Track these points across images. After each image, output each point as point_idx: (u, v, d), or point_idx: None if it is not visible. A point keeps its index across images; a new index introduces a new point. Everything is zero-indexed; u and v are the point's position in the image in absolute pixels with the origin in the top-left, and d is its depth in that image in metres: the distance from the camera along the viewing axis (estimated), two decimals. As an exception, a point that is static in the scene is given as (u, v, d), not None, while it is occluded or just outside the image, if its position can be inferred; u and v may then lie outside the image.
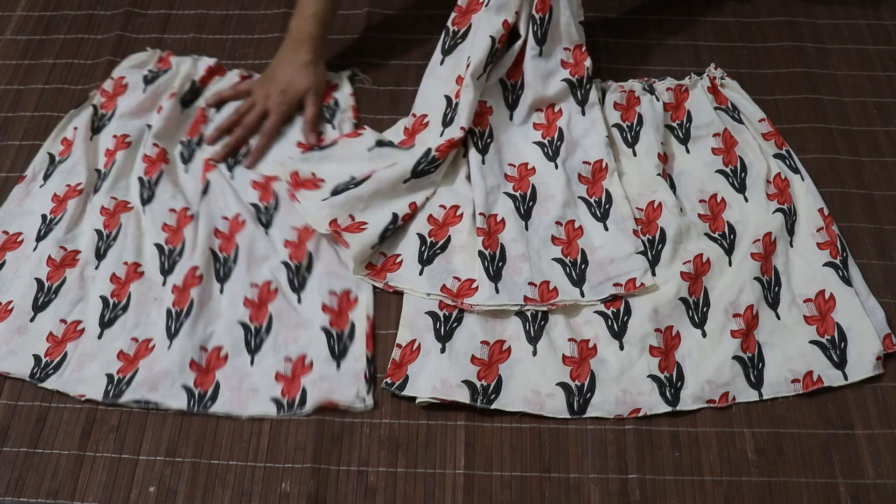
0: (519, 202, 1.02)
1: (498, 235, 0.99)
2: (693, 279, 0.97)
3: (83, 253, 0.99)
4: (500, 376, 0.91)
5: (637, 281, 0.95)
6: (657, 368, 0.91)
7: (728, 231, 1.01)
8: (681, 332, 0.94)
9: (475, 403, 0.89)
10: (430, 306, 0.95)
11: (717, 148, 1.08)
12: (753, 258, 0.98)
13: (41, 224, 1.01)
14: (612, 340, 0.93)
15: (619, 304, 0.95)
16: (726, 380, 0.91)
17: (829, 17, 1.26)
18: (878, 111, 1.15)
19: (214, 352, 0.92)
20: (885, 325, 0.94)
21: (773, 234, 1.00)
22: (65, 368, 0.92)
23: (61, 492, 0.86)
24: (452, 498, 0.86)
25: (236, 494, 0.86)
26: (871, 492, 0.86)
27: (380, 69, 1.20)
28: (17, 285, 0.97)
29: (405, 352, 0.93)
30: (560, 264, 0.98)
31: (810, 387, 0.91)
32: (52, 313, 0.95)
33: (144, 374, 0.91)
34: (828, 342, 0.93)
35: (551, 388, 0.90)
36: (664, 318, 0.94)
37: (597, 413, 0.90)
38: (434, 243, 0.99)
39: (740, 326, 0.94)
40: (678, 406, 0.90)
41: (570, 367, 0.92)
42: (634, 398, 0.90)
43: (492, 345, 0.93)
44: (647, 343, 0.92)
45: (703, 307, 0.95)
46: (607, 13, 1.26)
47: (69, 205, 1.02)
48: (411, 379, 0.91)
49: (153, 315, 0.95)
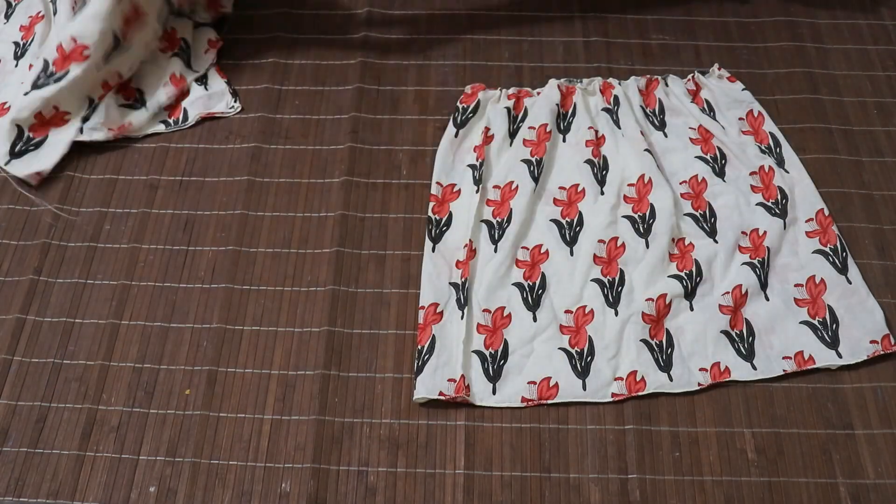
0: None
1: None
2: (680, 258, 1.00)
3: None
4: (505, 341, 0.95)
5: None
6: (649, 335, 0.95)
7: (709, 213, 1.03)
8: (672, 302, 0.97)
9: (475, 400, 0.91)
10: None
11: (695, 138, 1.10)
12: (741, 251, 1.00)
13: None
14: (607, 308, 0.96)
15: (615, 274, 0.98)
16: (715, 350, 0.94)
17: (829, 17, 1.26)
18: (878, 111, 1.15)
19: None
20: (883, 325, 0.95)
21: (761, 228, 1.02)
22: None
23: (61, 492, 0.86)
24: (452, 498, 0.86)
25: (236, 494, 0.86)
26: (871, 492, 0.86)
27: (380, 69, 1.20)
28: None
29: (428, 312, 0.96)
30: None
31: (803, 365, 0.92)
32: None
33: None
34: (819, 323, 0.95)
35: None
36: (657, 288, 0.97)
37: (596, 378, 0.92)
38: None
39: (729, 303, 0.96)
40: (671, 370, 0.92)
41: (568, 336, 0.95)
42: (633, 360, 0.93)
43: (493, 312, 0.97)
44: (639, 309, 0.96)
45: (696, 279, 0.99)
46: (607, 13, 1.26)
47: None
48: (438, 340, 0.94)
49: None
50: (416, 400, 0.90)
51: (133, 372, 0.94)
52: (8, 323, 0.98)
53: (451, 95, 1.14)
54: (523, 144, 1.08)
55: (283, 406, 0.92)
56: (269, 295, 1.00)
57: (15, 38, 1.22)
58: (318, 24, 1.25)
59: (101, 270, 1.02)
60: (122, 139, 1.13)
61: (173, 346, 0.96)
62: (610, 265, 0.99)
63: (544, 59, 1.21)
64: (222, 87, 1.17)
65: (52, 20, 1.20)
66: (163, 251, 1.03)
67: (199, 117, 1.14)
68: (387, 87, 1.18)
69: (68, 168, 1.10)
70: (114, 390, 0.93)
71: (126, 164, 1.11)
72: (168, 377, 0.94)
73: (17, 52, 1.20)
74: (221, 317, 0.98)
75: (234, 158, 1.11)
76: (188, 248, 1.04)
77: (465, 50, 1.21)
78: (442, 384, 0.91)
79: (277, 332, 0.97)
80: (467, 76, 1.18)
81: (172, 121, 1.14)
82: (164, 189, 1.09)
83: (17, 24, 1.23)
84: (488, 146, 1.08)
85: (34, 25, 1.21)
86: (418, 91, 1.16)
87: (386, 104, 1.16)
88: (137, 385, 0.93)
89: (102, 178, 1.10)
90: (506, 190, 1.05)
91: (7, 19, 1.25)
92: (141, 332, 0.97)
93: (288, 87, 1.18)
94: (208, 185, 1.09)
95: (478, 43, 1.22)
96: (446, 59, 1.20)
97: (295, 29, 1.24)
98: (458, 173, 1.07)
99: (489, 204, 1.04)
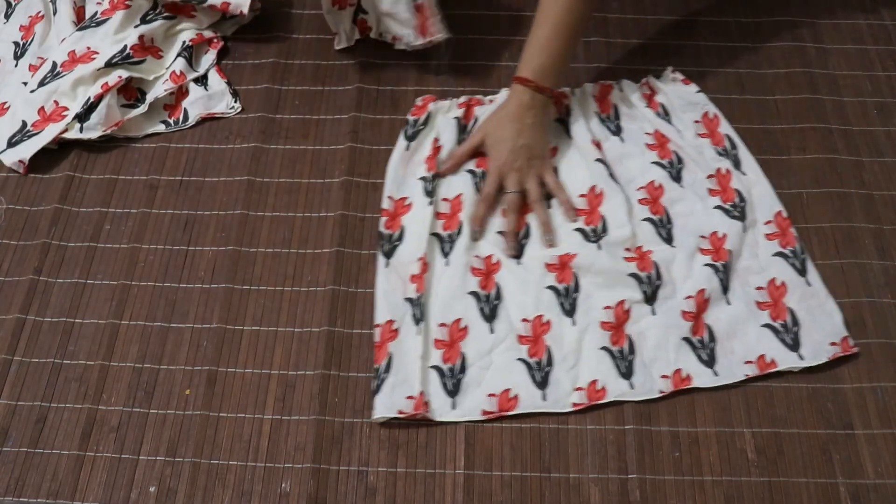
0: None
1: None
2: (639, 259, 0.99)
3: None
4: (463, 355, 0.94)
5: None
6: (609, 342, 0.94)
7: (666, 219, 1.02)
8: (632, 308, 0.96)
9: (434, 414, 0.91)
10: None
11: (651, 144, 1.09)
12: (702, 252, 1.00)
13: None
14: (564, 318, 0.95)
15: (570, 280, 0.97)
16: (676, 357, 0.93)
17: (829, 17, 1.26)
18: (878, 111, 1.15)
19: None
20: (842, 327, 0.95)
21: (719, 230, 1.01)
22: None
23: (61, 492, 0.86)
24: (452, 498, 0.86)
25: (236, 494, 0.86)
26: (871, 492, 0.86)
27: (380, 69, 1.20)
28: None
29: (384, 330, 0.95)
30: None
31: (764, 369, 0.92)
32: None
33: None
34: (781, 326, 0.95)
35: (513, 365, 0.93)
36: (615, 292, 0.96)
37: (556, 388, 0.91)
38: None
39: (691, 309, 0.95)
40: (632, 377, 0.91)
41: (527, 346, 0.94)
42: (593, 368, 0.92)
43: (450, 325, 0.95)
44: (597, 318, 0.95)
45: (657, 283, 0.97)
46: (607, 13, 1.26)
47: None
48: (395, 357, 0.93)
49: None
50: (375, 420, 0.90)
51: (133, 372, 0.94)
52: (8, 323, 0.98)
53: (451, 96, 1.14)
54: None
55: (283, 406, 0.92)
56: (269, 295, 1.00)
57: (15, 38, 1.22)
58: (318, 24, 1.25)
59: (101, 270, 1.02)
60: (122, 139, 1.13)
61: (173, 346, 0.96)
62: (563, 271, 0.98)
63: (544, 59, 1.20)
64: (222, 87, 1.17)
65: (52, 20, 1.21)
66: (163, 251, 1.03)
67: (199, 117, 1.14)
68: (387, 87, 1.18)
69: (68, 168, 1.10)
70: (114, 390, 0.93)
71: (126, 164, 1.11)
72: (168, 377, 0.94)
73: (16, 52, 1.20)
74: (221, 317, 0.98)
75: (234, 158, 1.11)
76: (188, 248, 1.04)
77: (465, 50, 1.21)
78: (400, 402, 0.90)
79: (277, 332, 0.97)
80: (467, 76, 1.18)
81: (172, 121, 1.14)
82: (164, 189, 1.09)
83: (17, 24, 1.23)
84: (438, 158, 1.07)
85: (34, 25, 1.22)
86: (418, 91, 1.16)
87: (386, 104, 1.16)
88: (137, 385, 0.93)
89: (102, 178, 1.10)
90: (455, 202, 1.04)
91: (7, 19, 1.25)
92: (141, 332, 0.97)
93: (288, 87, 1.18)
94: (208, 185, 1.09)
95: (478, 43, 1.22)
96: (446, 60, 1.20)
97: (295, 29, 1.25)
98: (409, 186, 1.06)
99: (440, 217, 1.03)
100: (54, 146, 1.11)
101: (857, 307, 0.98)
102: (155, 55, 1.17)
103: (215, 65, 1.19)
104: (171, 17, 1.18)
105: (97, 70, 1.12)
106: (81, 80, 1.12)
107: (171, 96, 1.16)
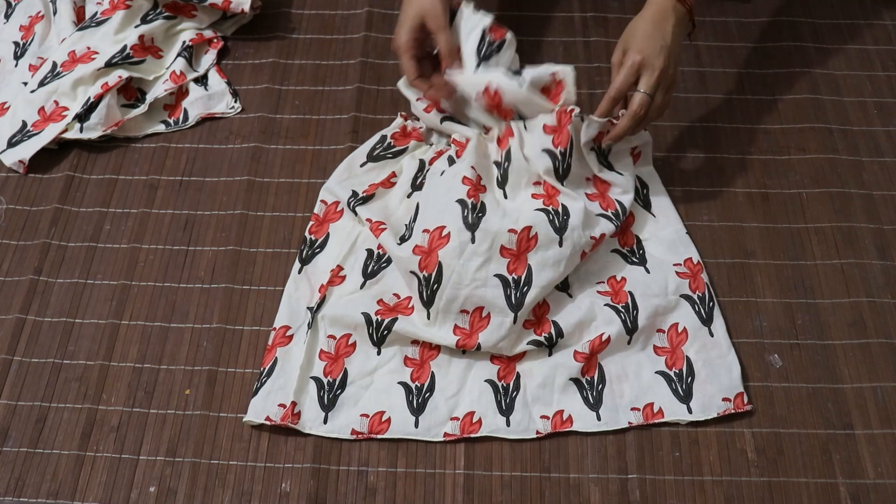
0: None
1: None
2: (536, 324, 0.94)
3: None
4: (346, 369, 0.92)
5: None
6: (496, 376, 0.91)
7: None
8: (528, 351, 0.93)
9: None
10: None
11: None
12: (600, 294, 0.95)
13: None
14: (453, 357, 0.93)
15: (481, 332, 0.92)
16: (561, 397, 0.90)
17: (829, 17, 1.26)
18: (878, 111, 1.15)
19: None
20: (739, 383, 0.91)
21: (618, 274, 0.97)
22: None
23: (61, 492, 0.86)
24: (452, 498, 0.86)
25: (236, 494, 0.86)
26: (871, 492, 0.86)
27: (380, 69, 1.20)
28: None
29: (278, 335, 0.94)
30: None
31: (650, 418, 0.89)
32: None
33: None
34: (675, 375, 0.91)
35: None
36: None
37: (431, 415, 0.89)
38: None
39: (584, 350, 0.91)
40: (511, 414, 0.89)
41: (411, 369, 0.92)
42: (473, 400, 0.90)
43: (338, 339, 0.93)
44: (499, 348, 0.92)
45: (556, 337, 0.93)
46: (607, 13, 1.26)
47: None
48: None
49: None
50: (246, 423, 0.89)
51: (133, 372, 0.94)
52: (8, 323, 0.98)
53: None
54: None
55: (283, 406, 0.92)
56: (269, 295, 1.00)
57: (15, 38, 1.22)
58: (318, 24, 1.25)
59: (101, 270, 1.02)
60: (122, 139, 1.13)
61: (173, 346, 0.96)
62: (471, 338, 0.91)
63: (544, 59, 1.20)
64: (222, 87, 1.17)
65: (52, 20, 1.21)
66: (163, 251, 1.03)
67: (199, 117, 1.14)
68: (387, 87, 1.18)
69: (68, 168, 1.10)
70: (114, 390, 0.93)
71: (126, 163, 1.11)
72: (168, 377, 0.94)
73: (16, 52, 1.20)
74: (221, 317, 0.98)
75: (234, 158, 1.11)
76: (188, 248, 1.04)
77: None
78: (271, 409, 0.89)
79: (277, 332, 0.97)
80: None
81: (172, 121, 1.14)
82: (164, 189, 1.09)
83: (17, 24, 1.23)
84: (384, 188, 1.03)
85: (34, 25, 1.22)
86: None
87: (386, 104, 1.16)
88: (137, 385, 0.93)
89: (102, 177, 1.10)
90: (376, 228, 0.99)
91: (7, 19, 1.25)
92: (141, 332, 0.97)
93: (288, 87, 1.18)
94: (208, 185, 1.09)
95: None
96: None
97: (295, 29, 1.25)
98: (345, 194, 1.03)
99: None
100: (54, 146, 1.11)
101: (857, 307, 0.98)
102: (155, 55, 1.17)
103: (215, 65, 1.19)
104: (171, 17, 1.19)
105: (97, 70, 1.12)
106: (81, 80, 1.12)
107: (171, 96, 1.16)
